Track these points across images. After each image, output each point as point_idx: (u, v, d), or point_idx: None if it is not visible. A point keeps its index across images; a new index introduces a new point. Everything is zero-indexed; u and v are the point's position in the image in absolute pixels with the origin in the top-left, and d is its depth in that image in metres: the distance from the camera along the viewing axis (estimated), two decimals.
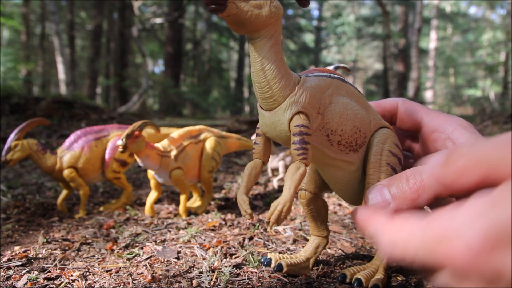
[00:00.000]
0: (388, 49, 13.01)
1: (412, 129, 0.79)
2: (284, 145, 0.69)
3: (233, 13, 0.54)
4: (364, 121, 0.71)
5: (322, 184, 0.82)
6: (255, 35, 0.59)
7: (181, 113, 14.08)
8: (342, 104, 0.68)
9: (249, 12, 0.55)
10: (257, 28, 0.57)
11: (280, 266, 0.81)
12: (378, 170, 0.71)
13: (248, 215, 0.64)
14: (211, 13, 0.54)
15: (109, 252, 1.02)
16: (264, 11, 0.56)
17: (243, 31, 0.58)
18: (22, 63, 12.64)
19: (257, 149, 0.70)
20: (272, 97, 0.61)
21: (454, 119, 0.72)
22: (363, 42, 22.91)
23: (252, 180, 0.68)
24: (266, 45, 0.59)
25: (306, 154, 0.61)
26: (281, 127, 0.63)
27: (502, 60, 15.09)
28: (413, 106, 0.79)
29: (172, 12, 12.73)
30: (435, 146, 0.72)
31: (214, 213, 1.37)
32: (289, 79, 0.62)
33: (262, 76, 0.60)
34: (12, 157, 1.35)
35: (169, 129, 1.71)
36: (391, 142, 0.74)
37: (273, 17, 0.57)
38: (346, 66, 1.52)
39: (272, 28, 0.59)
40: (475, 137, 0.67)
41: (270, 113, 0.64)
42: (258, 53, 0.59)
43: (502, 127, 4.55)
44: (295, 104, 0.62)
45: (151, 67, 21.48)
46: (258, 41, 0.59)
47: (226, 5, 0.53)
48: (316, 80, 0.66)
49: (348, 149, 0.70)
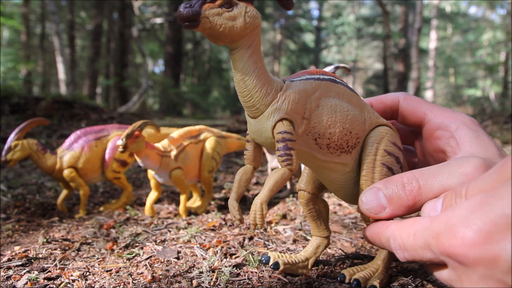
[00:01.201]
0: (388, 49, 13.02)
1: (414, 125, 0.78)
2: (272, 150, 0.69)
3: (207, 27, 0.56)
4: (356, 121, 0.70)
5: (321, 184, 0.82)
6: (233, 45, 0.60)
7: (181, 113, 14.07)
8: (331, 107, 0.67)
9: (223, 25, 0.56)
10: (233, 40, 0.59)
11: (277, 264, 0.81)
12: (372, 171, 0.70)
13: (237, 220, 0.64)
14: (186, 29, 0.57)
15: (109, 252, 1.02)
16: (238, 23, 0.58)
17: (220, 42, 0.59)
18: (22, 63, 12.64)
19: (247, 155, 0.70)
20: (255, 105, 0.62)
21: (458, 116, 0.71)
22: (363, 42, 22.91)
23: (243, 185, 0.69)
24: (245, 55, 0.60)
25: (291, 160, 0.62)
26: (265, 134, 0.64)
27: (502, 60, 15.09)
28: (415, 101, 0.77)
29: (172, 12, 12.72)
30: (439, 144, 0.72)
31: (214, 213, 1.37)
32: (270, 87, 0.63)
33: (243, 86, 0.62)
34: (12, 157, 1.35)
35: (169, 129, 1.71)
36: (387, 141, 0.71)
37: (248, 27, 0.59)
38: (346, 66, 1.52)
39: (250, 38, 0.60)
40: (477, 136, 0.67)
41: (255, 121, 0.64)
42: (238, 64, 0.61)
43: (502, 127, 4.55)
44: (277, 111, 0.62)
45: (151, 67, 21.49)
46: (236, 52, 0.60)
47: (199, 20, 0.55)
48: (301, 85, 0.65)
49: (339, 151, 0.69)
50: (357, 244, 1.09)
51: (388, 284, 0.80)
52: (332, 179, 0.73)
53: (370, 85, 23.44)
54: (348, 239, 1.12)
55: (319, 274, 0.84)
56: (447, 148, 0.70)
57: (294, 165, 0.62)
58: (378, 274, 0.78)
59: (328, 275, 0.84)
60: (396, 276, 0.84)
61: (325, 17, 23.72)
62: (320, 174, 0.75)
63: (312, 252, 0.86)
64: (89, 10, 14.79)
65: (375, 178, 0.69)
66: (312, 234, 0.88)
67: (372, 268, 0.79)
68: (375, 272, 0.78)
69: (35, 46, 14.33)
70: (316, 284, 0.79)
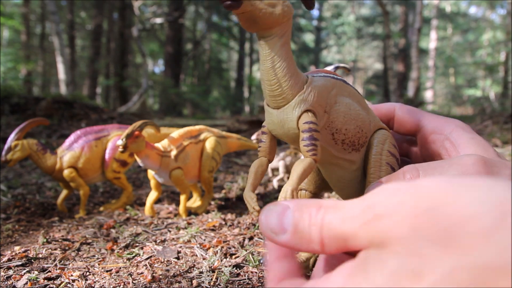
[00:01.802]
0: (388, 49, 13.01)
1: (410, 132, 0.80)
2: (290, 143, 0.69)
3: (248, 10, 0.55)
4: (365, 121, 0.73)
5: (322, 184, 0.83)
6: (267, 33, 0.59)
7: (181, 113, 14.07)
8: (346, 104, 0.70)
9: (263, 10, 0.56)
10: (270, 26, 0.58)
11: None
12: (378, 169, 0.73)
13: (256, 211, 0.64)
14: (226, 9, 0.55)
15: (109, 252, 1.02)
16: (277, 10, 0.57)
17: (255, 28, 0.59)
18: (22, 63, 12.63)
19: (263, 147, 0.70)
20: (281, 95, 0.62)
21: (452, 120, 0.73)
22: (363, 42, 22.91)
23: (259, 177, 0.69)
24: (278, 43, 0.60)
25: (316, 150, 0.62)
26: (289, 124, 0.64)
27: (502, 60, 15.09)
28: (410, 110, 0.80)
29: (172, 12, 12.73)
30: (434, 148, 0.73)
31: (214, 213, 1.37)
32: (298, 78, 0.63)
33: (272, 74, 0.61)
34: (12, 157, 1.35)
35: (169, 129, 1.71)
36: (389, 143, 0.76)
37: (285, 16, 0.59)
38: (346, 66, 1.52)
39: (284, 27, 0.60)
40: (473, 137, 0.68)
41: (278, 111, 0.64)
42: (269, 51, 0.60)
43: (502, 127, 4.55)
44: (304, 102, 0.63)
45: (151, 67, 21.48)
46: (269, 39, 0.60)
47: (241, 2, 0.54)
48: (322, 80, 0.67)
49: (351, 148, 0.71)
50: None
51: None
52: (339, 176, 0.75)
53: (370, 85, 23.44)
54: None
55: None
56: (442, 151, 0.71)
57: (318, 156, 0.62)
58: None
59: None
60: None
61: (325, 17, 23.72)
62: (328, 170, 0.77)
63: None
64: (89, 10, 14.79)
65: (381, 176, 0.73)
66: None
67: None
68: None
69: (35, 46, 14.33)
70: None
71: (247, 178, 0.69)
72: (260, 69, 0.62)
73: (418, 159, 0.82)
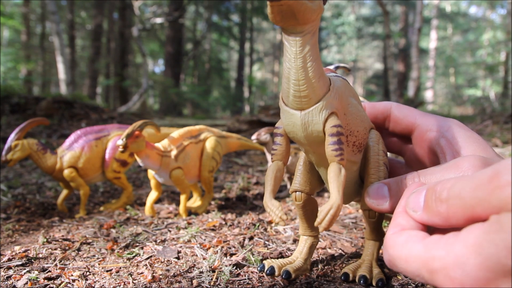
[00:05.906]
0: (388, 49, 13.00)
1: (405, 131, 0.81)
2: (305, 146, 0.66)
3: (291, 2, 0.52)
4: (367, 122, 0.74)
5: (316, 185, 0.81)
6: (299, 29, 0.56)
7: (181, 113, 14.07)
8: (355, 106, 0.69)
9: (304, 3, 0.53)
10: (306, 22, 0.55)
11: (288, 273, 0.79)
12: (377, 170, 0.74)
13: (282, 221, 0.62)
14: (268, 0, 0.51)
15: (109, 252, 1.02)
16: (315, 5, 0.54)
17: (290, 22, 0.55)
18: (22, 63, 12.64)
19: (279, 150, 0.68)
20: (308, 96, 0.59)
21: (448, 119, 0.74)
22: (363, 42, 22.91)
23: (278, 183, 0.66)
24: (310, 41, 0.57)
25: (343, 155, 0.60)
26: (314, 127, 0.61)
27: (502, 60, 15.09)
28: (406, 109, 0.81)
29: (172, 12, 12.72)
30: (429, 146, 0.73)
31: (214, 213, 1.37)
32: (325, 79, 0.60)
33: (302, 74, 0.57)
34: (12, 157, 1.35)
35: (169, 129, 1.71)
36: (382, 143, 0.76)
37: (320, 12, 0.56)
38: (346, 66, 1.51)
39: (315, 25, 0.57)
40: (470, 135, 0.67)
41: (302, 113, 0.61)
42: (301, 48, 0.56)
43: (502, 127, 4.55)
44: (330, 105, 0.60)
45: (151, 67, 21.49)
46: (301, 36, 0.56)
47: None
48: (339, 81, 0.66)
49: (357, 149, 0.71)
50: (357, 244, 1.09)
51: (387, 282, 0.80)
52: None
53: (370, 85, 23.45)
54: (348, 239, 1.12)
55: (319, 274, 0.84)
56: (437, 149, 0.71)
57: (345, 160, 0.61)
58: (374, 268, 0.80)
59: (328, 275, 0.84)
60: (396, 276, 0.84)
61: (325, 17, 23.71)
62: None
63: (308, 252, 0.85)
64: (89, 10, 14.78)
65: (380, 177, 0.73)
66: (303, 234, 0.86)
67: (367, 263, 0.81)
68: (371, 266, 0.80)
69: (35, 46, 14.32)
70: (316, 284, 0.79)
71: (265, 184, 0.66)
72: (287, 67, 0.58)
73: (411, 157, 0.82)
